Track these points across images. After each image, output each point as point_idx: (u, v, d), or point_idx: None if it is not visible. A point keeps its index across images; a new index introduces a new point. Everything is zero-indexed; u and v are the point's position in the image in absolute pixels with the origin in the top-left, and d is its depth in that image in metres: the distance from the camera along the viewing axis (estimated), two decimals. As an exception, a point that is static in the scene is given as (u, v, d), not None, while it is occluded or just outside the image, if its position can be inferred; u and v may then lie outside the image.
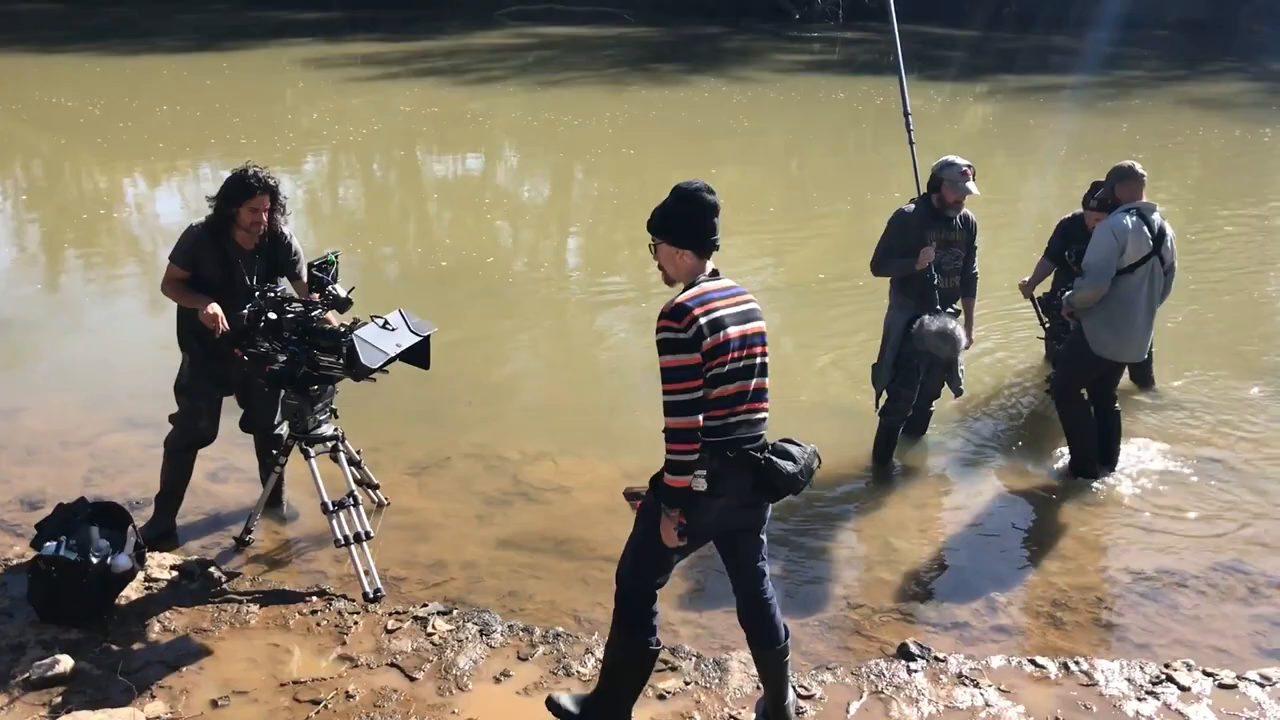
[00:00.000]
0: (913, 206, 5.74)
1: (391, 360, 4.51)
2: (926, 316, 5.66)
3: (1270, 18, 29.68)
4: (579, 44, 26.57)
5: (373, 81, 20.20)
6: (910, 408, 6.01)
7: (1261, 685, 4.18)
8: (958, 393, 6.17)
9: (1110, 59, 25.60)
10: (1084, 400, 6.00)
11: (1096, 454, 5.99)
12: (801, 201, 13.05)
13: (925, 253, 5.58)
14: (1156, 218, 5.73)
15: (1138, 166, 5.83)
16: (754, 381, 3.50)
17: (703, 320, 3.36)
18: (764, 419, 3.56)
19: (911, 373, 5.84)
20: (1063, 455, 6.16)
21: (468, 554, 5.08)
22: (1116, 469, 6.03)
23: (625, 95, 19.89)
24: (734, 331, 3.42)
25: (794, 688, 3.85)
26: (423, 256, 10.55)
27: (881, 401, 5.99)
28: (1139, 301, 5.70)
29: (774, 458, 3.48)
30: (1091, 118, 18.77)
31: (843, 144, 16.99)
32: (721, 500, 3.47)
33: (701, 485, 3.40)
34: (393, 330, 4.56)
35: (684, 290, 3.49)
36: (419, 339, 4.61)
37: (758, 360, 3.52)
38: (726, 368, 3.40)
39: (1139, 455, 6.22)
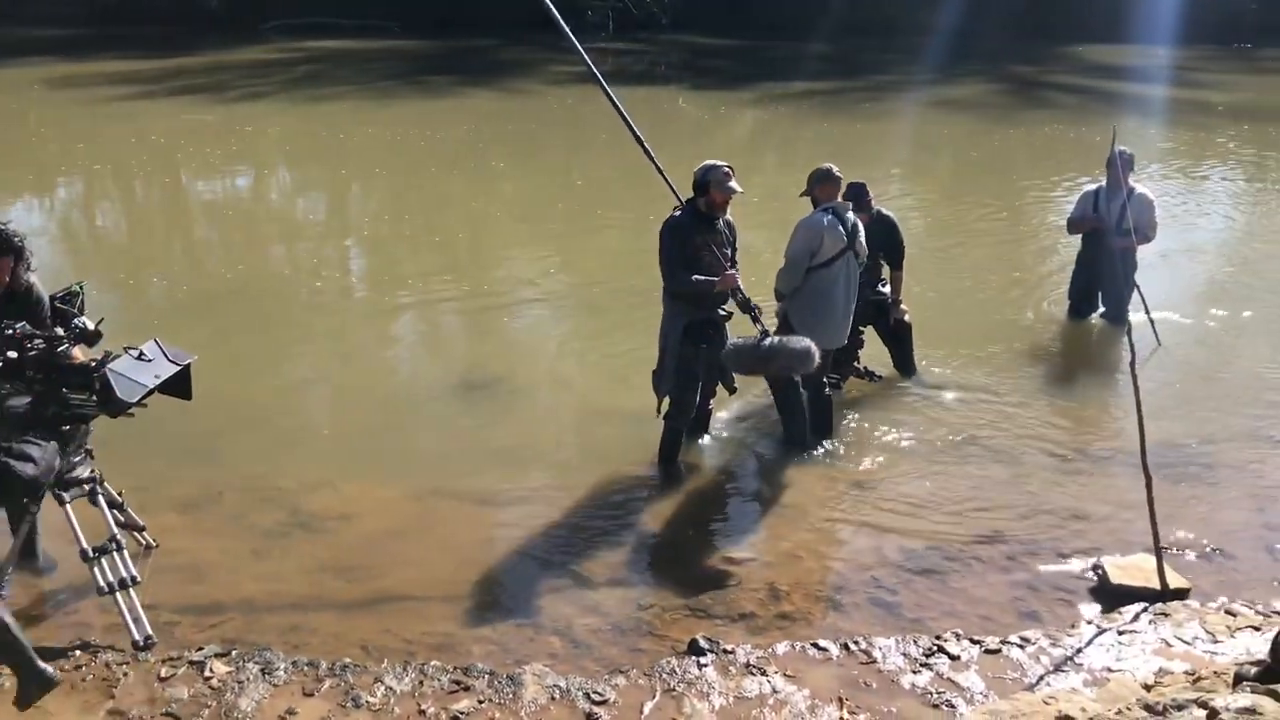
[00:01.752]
0: (680, 214, 5.85)
1: (150, 393, 4.28)
2: (781, 338, 5.82)
3: (1010, 25, 31.87)
4: (348, 57, 25.99)
5: (128, 101, 19.15)
6: (693, 410, 6.14)
7: (1022, 646, 4.47)
8: (731, 390, 6.35)
9: (868, 65, 26.96)
10: (797, 385, 6.37)
11: (809, 429, 6.45)
12: (584, 210, 13.14)
13: (729, 276, 5.70)
14: (850, 216, 6.29)
15: (835, 169, 6.35)
16: None
17: None
18: None
19: (691, 377, 5.96)
20: (832, 445, 6.46)
21: (245, 591, 4.87)
22: (885, 452, 6.40)
23: (398, 108, 19.58)
24: None
25: None
26: (190, 280, 10.04)
27: (664, 407, 6.10)
28: (837, 292, 6.24)
29: (11, 460, 3.45)
30: (853, 121, 19.70)
31: (621, 153, 17.20)
32: None
33: None
34: (149, 361, 4.33)
35: None
36: (178, 368, 4.39)
37: None
38: None
39: (905, 438, 6.56)
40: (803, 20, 33.03)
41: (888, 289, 7.32)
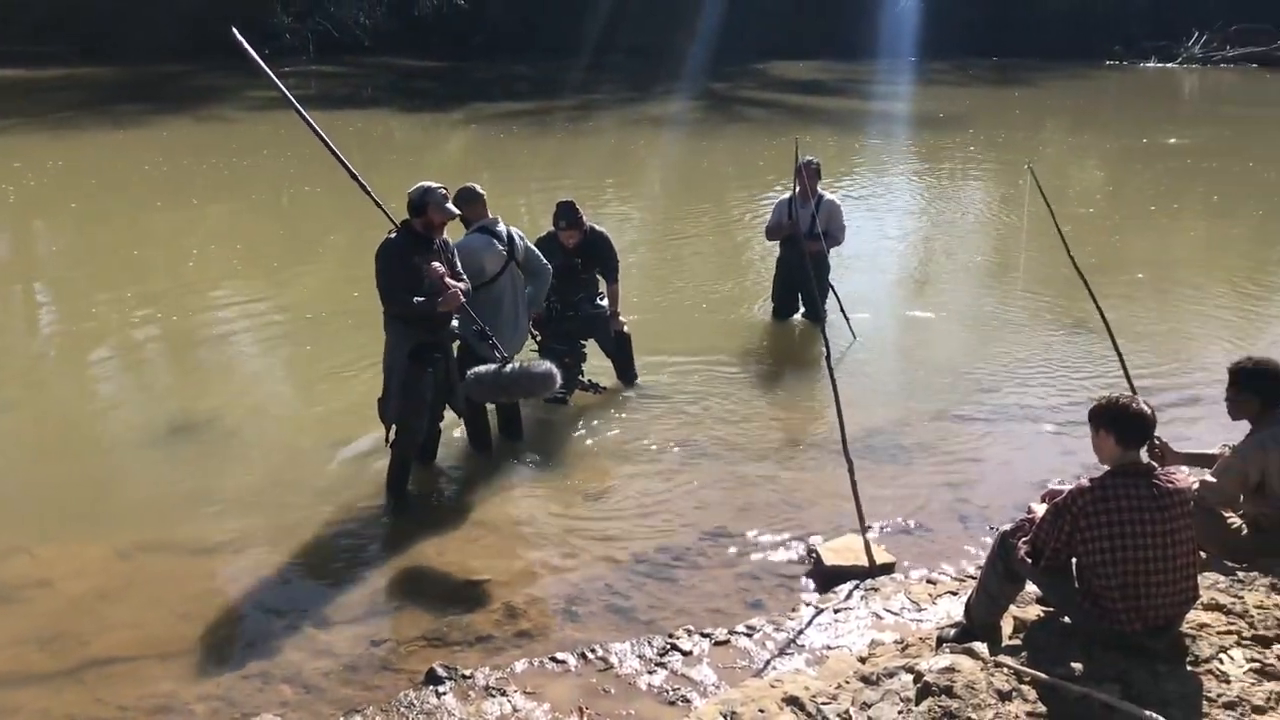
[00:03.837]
0: (395, 236, 5.77)
1: None
2: (523, 363, 5.86)
3: (701, 41, 33.34)
4: (17, 87, 24.05)
5: None
6: (422, 435, 6.06)
7: (748, 635, 4.68)
8: (460, 413, 6.32)
9: (572, 84, 27.48)
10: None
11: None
12: (297, 239, 12.72)
13: (453, 295, 5.64)
14: (502, 229, 6.43)
15: (478, 188, 6.49)
16: None
17: None
18: None
19: (419, 402, 5.87)
20: (546, 464, 6.56)
21: (-70, 678, 4.41)
22: (612, 461, 6.56)
23: (82, 140, 18.34)
24: None
25: None
26: None
27: (392, 434, 5.98)
28: (503, 306, 6.37)
29: None
30: (563, 139, 20.06)
31: (332, 178, 16.72)
32: None
33: None
34: None
35: None
36: None
37: None
38: None
39: (630, 445, 6.74)
40: (508, 42, 33.38)
41: (605, 302, 7.49)
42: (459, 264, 6.00)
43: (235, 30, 5.43)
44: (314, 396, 7.65)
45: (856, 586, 5.10)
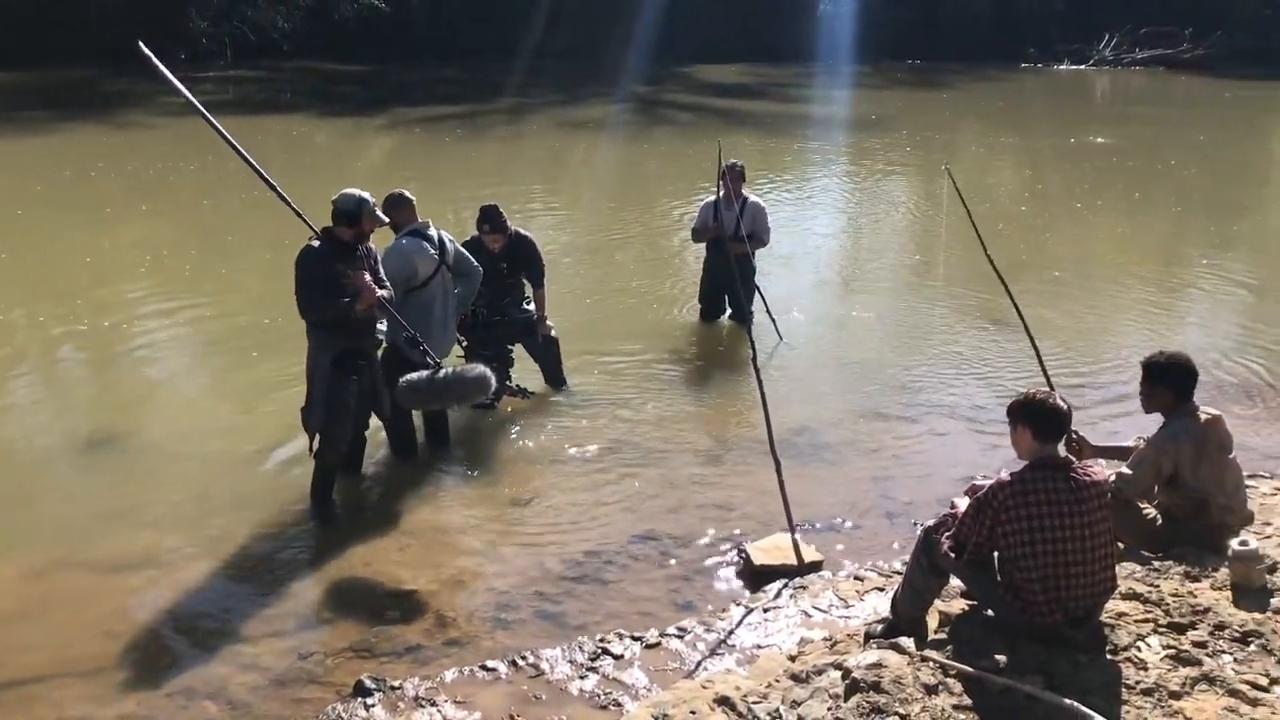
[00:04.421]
0: (318, 243, 5.69)
1: None
2: (456, 368, 5.79)
3: (627, 46, 33.38)
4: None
5: None
6: (346, 444, 5.98)
7: (680, 636, 4.69)
8: (385, 419, 6.25)
9: (498, 88, 27.37)
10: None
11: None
12: (219, 248, 12.46)
13: (368, 290, 5.57)
14: (433, 233, 6.43)
15: (406, 192, 6.49)
16: None
17: None
18: None
19: (342, 410, 5.79)
20: (473, 470, 6.53)
21: None
22: (541, 466, 6.54)
23: (12, 147, 17.80)
24: None
25: None
26: None
27: (315, 443, 5.89)
28: (434, 309, 6.37)
29: None
30: (489, 142, 19.97)
31: (254, 186, 16.44)
32: None
33: None
34: None
35: None
36: None
37: None
38: None
39: (559, 450, 6.72)
40: (430, 46, 33.14)
41: (533, 307, 7.46)
42: (382, 271, 5.94)
43: (141, 44, 5.27)
44: (235, 406, 7.50)
45: (785, 585, 5.14)
